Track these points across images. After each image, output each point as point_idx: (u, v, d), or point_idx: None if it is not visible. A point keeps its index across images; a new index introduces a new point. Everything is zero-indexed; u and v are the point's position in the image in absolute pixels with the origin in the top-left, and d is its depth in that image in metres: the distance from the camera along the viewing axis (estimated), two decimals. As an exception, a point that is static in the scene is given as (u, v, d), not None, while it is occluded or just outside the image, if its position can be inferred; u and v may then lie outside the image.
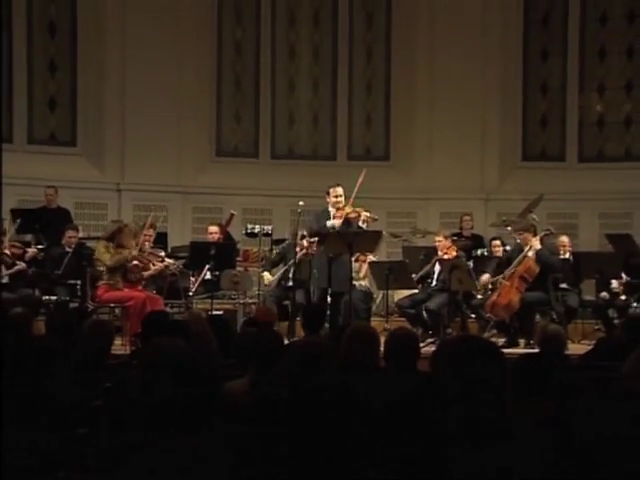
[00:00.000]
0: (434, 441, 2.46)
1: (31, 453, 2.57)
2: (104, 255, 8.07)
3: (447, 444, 2.38)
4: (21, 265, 8.82)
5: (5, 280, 8.80)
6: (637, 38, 11.66)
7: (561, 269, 8.74)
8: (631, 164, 11.62)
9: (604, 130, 11.89)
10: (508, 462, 2.32)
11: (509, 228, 9.77)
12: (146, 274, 8.40)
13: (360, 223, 8.45)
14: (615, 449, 2.43)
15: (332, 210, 8.42)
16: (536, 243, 8.41)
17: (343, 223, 8.35)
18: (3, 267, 8.84)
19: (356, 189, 8.34)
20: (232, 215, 10.08)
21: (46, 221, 9.68)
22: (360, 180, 8.34)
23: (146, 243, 9.04)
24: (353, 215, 8.36)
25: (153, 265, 8.39)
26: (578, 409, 2.79)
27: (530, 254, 8.40)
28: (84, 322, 4.92)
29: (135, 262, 8.20)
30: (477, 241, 10.50)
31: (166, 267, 8.55)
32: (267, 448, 2.59)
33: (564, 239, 9.47)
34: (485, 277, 8.70)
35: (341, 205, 8.36)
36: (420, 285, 9.12)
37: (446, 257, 8.91)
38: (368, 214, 8.44)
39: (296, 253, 8.96)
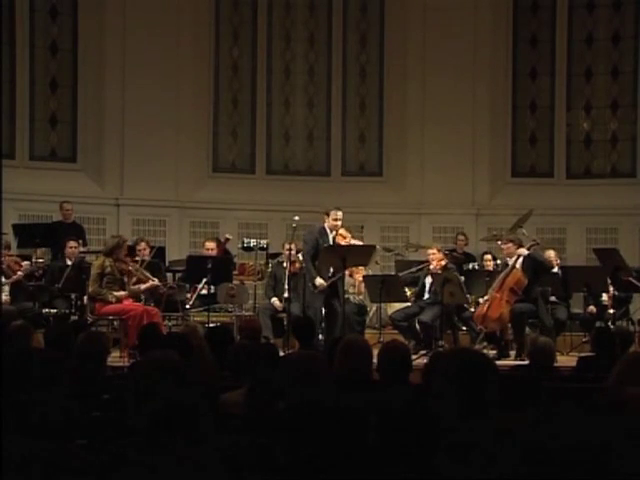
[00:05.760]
0: (426, 454, 2.48)
1: (30, 462, 2.51)
2: (93, 276, 8.15)
3: (438, 457, 2.42)
4: (18, 275, 8.92)
5: (6, 293, 8.93)
6: (621, 59, 11.87)
7: (550, 267, 8.91)
8: (617, 180, 11.81)
9: (591, 147, 12.05)
10: (493, 473, 2.37)
11: (499, 242, 9.97)
12: (143, 287, 8.56)
13: None
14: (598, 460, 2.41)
15: (330, 233, 8.50)
16: (523, 250, 8.57)
17: None
18: (3, 279, 8.96)
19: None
20: (227, 240, 10.26)
21: (63, 235, 9.80)
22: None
23: (145, 257, 9.26)
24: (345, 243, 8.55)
25: (152, 280, 8.56)
26: (561, 419, 2.87)
27: (517, 265, 8.58)
28: (80, 334, 4.91)
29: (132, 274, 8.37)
30: (469, 258, 10.70)
31: (157, 287, 8.71)
32: (263, 460, 2.54)
33: (551, 253, 9.63)
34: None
35: (338, 228, 8.50)
36: (413, 299, 9.32)
37: (435, 265, 9.08)
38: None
39: (285, 268, 9.15)
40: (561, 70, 12.04)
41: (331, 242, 8.48)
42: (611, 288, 9.39)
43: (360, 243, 8.65)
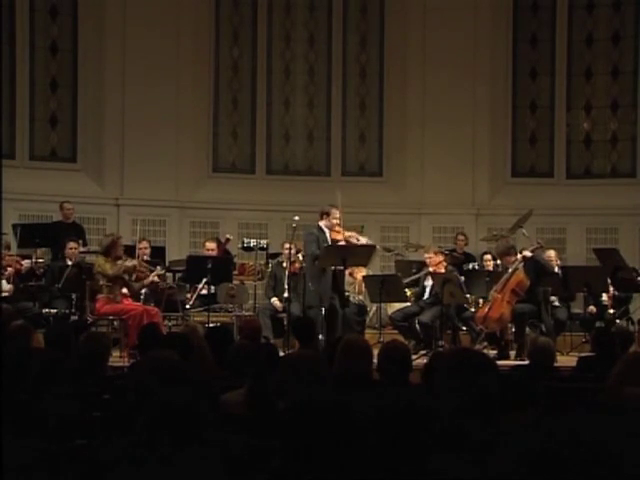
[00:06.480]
0: (423, 453, 2.50)
1: (30, 462, 2.57)
2: (105, 265, 8.17)
3: (434, 456, 2.44)
4: (9, 271, 8.92)
5: (6, 293, 8.93)
6: (621, 59, 11.88)
7: (552, 270, 8.93)
8: (617, 180, 11.84)
9: (591, 147, 12.08)
10: (492, 472, 2.40)
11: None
12: (145, 282, 8.57)
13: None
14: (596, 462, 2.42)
15: (327, 231, 8.56)
16: (526, 252, 8.60)
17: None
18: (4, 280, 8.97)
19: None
20: (228, 240, 10.27)
21: (63, 235, 9.80)
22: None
23: (144, 257, 9.27)
24: (353, 240, 8.62)
25: (150, 273, 8.58)
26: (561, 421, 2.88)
27: (520, 267, 8.58)
28: (81, 334, 4.96)
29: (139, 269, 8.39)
30: (469, 259, 10.71)
31: (159, 276, 8.72)
32: (263, 460, 2.58)
33: (551, 253, 9.64)
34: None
35: (335, 226, 8.56)
36: (413, 299, 9.33)
37: (433, 270, 9.09)
38: (365, 240, 8.74)
39: (285, 268, 9.17)
40: (561, 70, 12.05)
41: (329, 240, 8.50)
42: (611, 288, 9.40)
43: (359, 238, 8.65)
